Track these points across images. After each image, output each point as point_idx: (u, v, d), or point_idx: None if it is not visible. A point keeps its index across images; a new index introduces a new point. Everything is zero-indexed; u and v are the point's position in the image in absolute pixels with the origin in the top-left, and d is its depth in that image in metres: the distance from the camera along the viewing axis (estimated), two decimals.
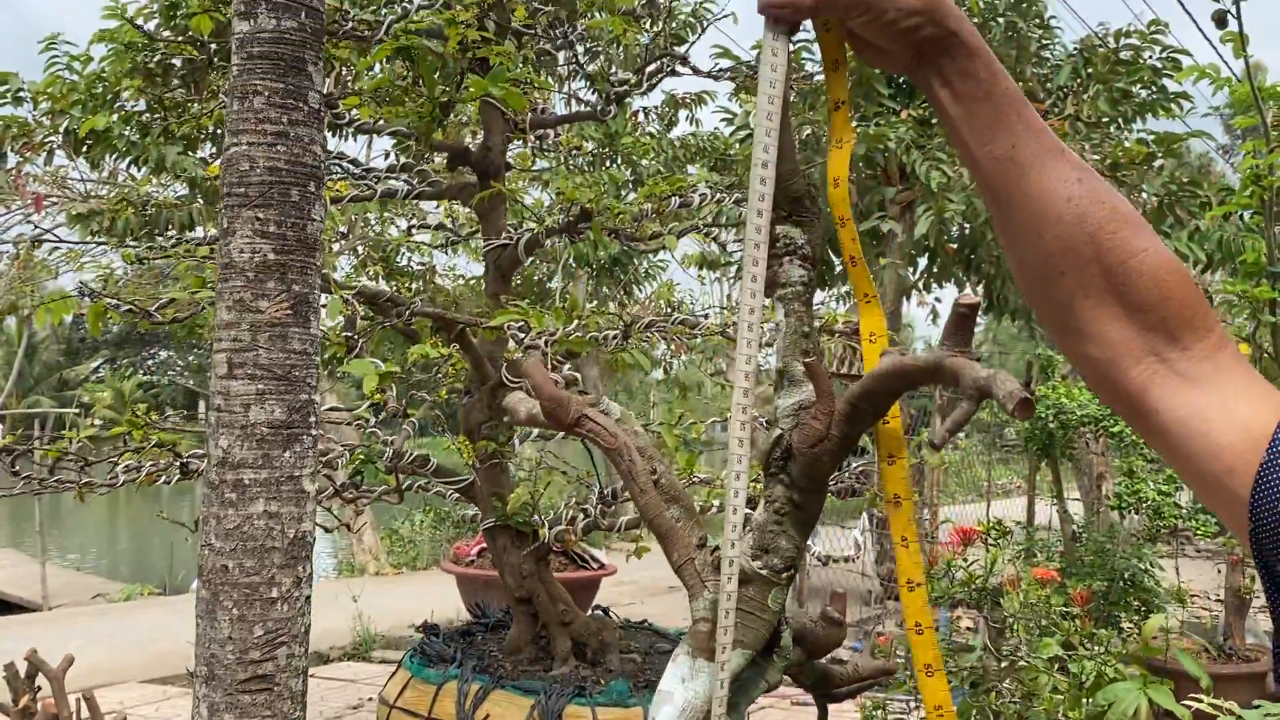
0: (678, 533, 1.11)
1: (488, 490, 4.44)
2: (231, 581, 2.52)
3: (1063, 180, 0.86)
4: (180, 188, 8.44)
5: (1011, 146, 0.88)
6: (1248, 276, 5.81)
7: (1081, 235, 0.85)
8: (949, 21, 0.89)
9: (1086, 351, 0.88)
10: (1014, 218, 0.89)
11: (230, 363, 2.55)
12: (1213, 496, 0.83)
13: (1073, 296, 0.86)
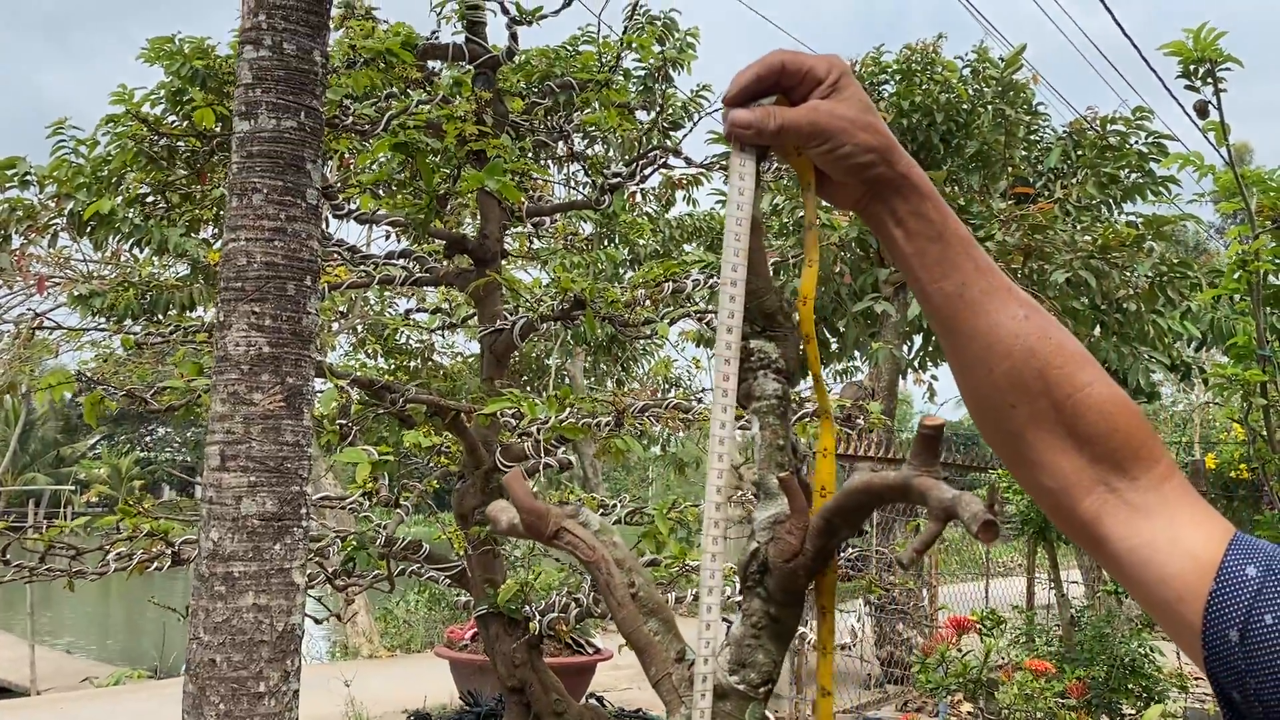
0: (655, 646, 1.12)
1: (480, 576, 4.41)
2: (219, 676, 2.50)
3: (1011, 317, 0.89)
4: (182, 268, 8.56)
5: (961, 284, 0.91)
6: (1238, 359, 5.86)
7: (1030, 370, 0.88)
8: (899, 164, 0.92)
9: (1040, 481, 0.90)
10: (965, 352, 0.92)
11: (223, 455, 2.57)
12: (1168, 623, 0.85)
13: (1024, 428, 0.89)
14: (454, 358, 9.72)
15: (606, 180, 4.04)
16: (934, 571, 8.40)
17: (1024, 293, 0.92)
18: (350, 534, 3.88)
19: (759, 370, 1.16)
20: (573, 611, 4.07)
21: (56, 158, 6.98)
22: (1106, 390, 0.88)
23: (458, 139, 3.61)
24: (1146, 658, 5.36)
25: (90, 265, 11.80)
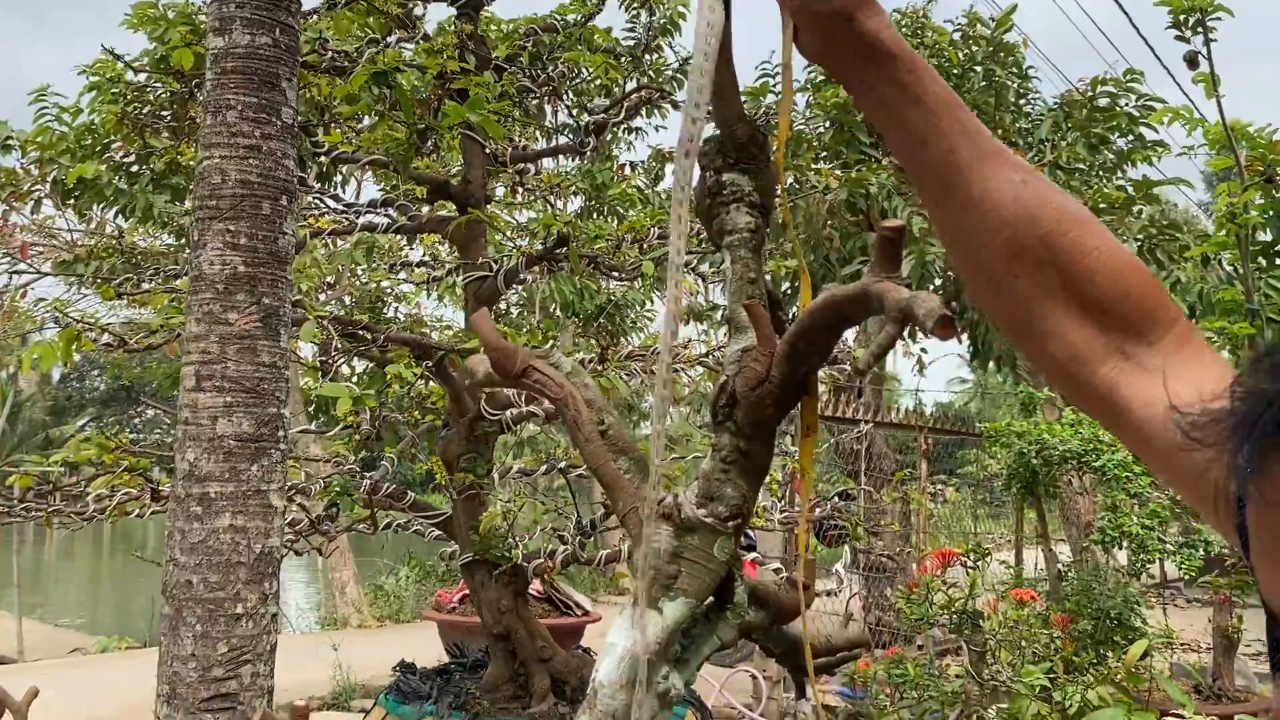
0: (623, 482, 1.10)
1: (466, 524, 4.39)
2: (195, 597, 2.47)
3: (1007, 182, 0.85)
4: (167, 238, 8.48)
5: (948, 150, 0.86)
6: (1225, 314, 5.86)
7: (1032, 238, 0.83)
8: (868, 24, 0.88)
9: (1050, 353, 0.85)
10: (960, 223, 0.87)
11: (198, 375, 2.54)
12: (1193, 489, 0.79)
13: (1030, 299, 0.84)
14: (443, 330, 9.67)
15: (591, 119, 3.99)
16: (923, 536, 8.41)
17: (1018, 157, 0.88)
18: (333, 474, 3.85)
19: (731, 204, 1.13)
20: (559, 554, 4.05)
21: (39, 125, 6.90)
22: (1115, 254, 0.83)
23: (438, 77, 3.56)
24: (1133, 611, 5.37)
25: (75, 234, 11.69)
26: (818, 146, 8.95)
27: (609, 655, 1.05)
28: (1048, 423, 5.33)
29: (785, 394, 1.04)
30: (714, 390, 1.08)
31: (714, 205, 1.12)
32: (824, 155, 8.61)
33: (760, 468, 1.09)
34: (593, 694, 1.05)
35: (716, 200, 1.12)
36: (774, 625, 1.18)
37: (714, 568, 1.07)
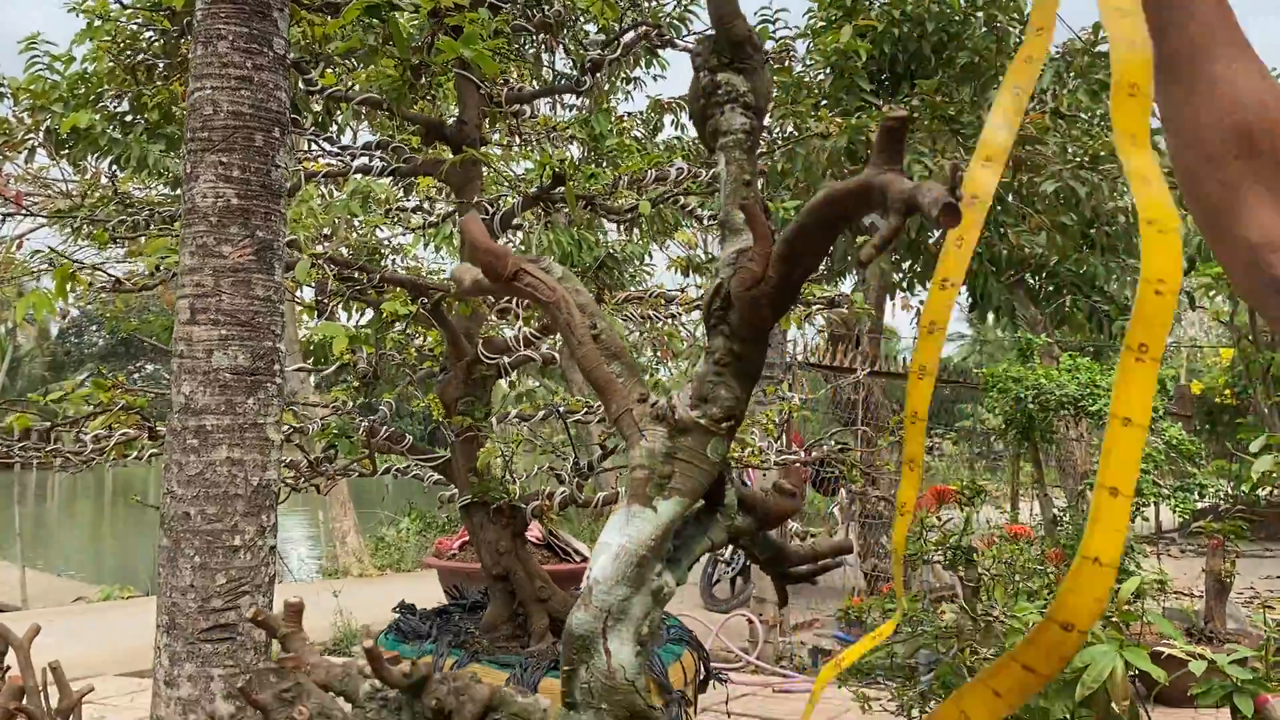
0: (616, 385, 1.09)
1: (464, 467, 4.40)
2: (193, 529, 2.48)
3: (1248, 72, 0.89)
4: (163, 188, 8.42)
5: (1208, 28, 0.91)
6: None
7: (1261, 127, 0.88)
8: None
9: (1242, 235, 0.89)
10: (1192, 98, 0.91)
11: (193, 308, 2.53)
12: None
13: (1241, 181, 0.88)
14: (439, 277, 9.64)
15: (587, 55, 3.95)
16: None
17: (1259, 57, 0.92)
18: (329, 416, 3.86)
19: (726, 105, 1.12)
20: (558, 494, 4.07)
21: (31, 74, 6.81)
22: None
23: (432, 15, 3.51)
24: (1128, 556, 5.42)
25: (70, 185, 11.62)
26: (818, 94, 8.86)
27: (603, 554, 1.05)
28: (1045, 368, 5.33)
29: (780, 295, 1.03)
30: (707, 293, 1.07)
31: (708, 106, 1.11)
32: (824, 102, 8.52)
33: (753, 370, 1.09)
34: (587, 591, 1.05)
35: (710, 101, 1.11)
36: (760, 531, 1.19)
37: (707, 468, 1.07)
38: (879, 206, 0.94)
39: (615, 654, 1.04)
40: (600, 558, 1.05)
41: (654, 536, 1.03)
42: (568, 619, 1.06)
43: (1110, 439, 0.85)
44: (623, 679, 1.04)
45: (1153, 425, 5.19)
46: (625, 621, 1.05)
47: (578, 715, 1.05)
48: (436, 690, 1.00)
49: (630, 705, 1.05)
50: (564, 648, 1.08)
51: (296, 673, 1.01)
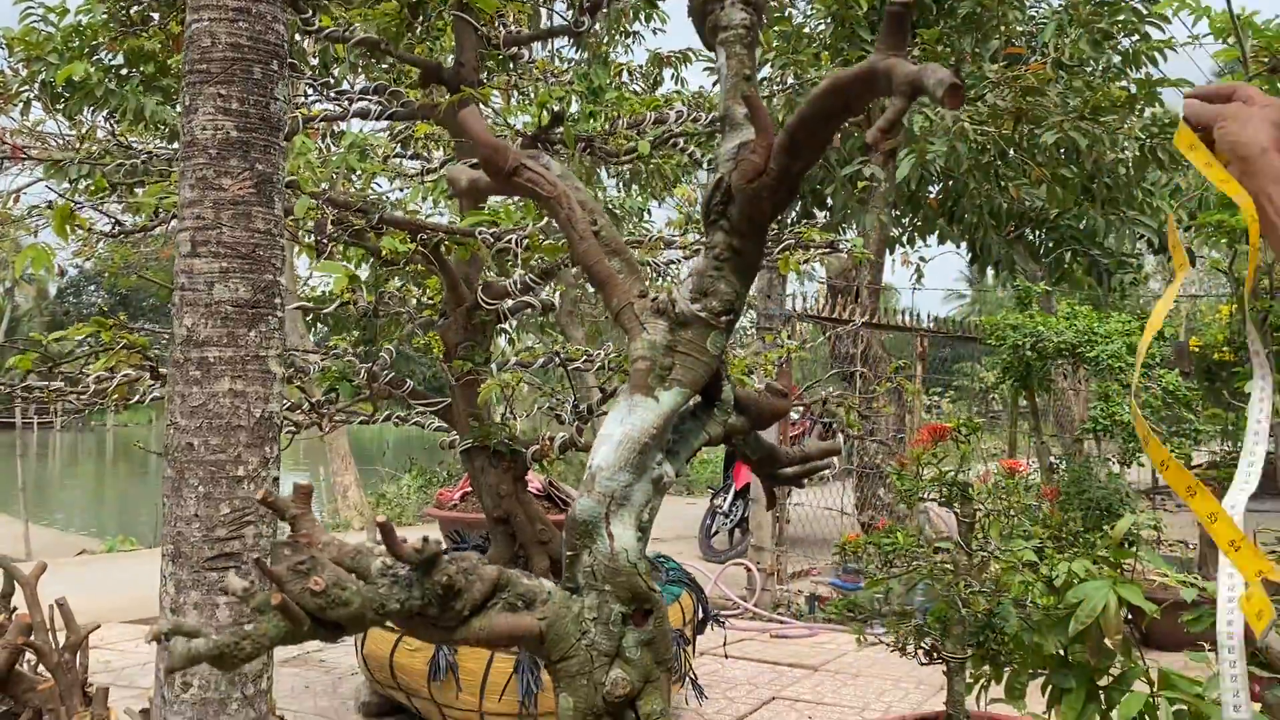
0: (617, 280, 1.11)
1: (465, 411, 4.43)
2: (197, 459, 2.51)
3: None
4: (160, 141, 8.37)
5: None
6: (1225, 207, 5.83)
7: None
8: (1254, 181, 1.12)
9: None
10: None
11: (193, 241, 2.53)
12: None
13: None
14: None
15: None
16: (915, 430, 8.48)
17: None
18: (328, 357, 3.87)
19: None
20: (558, 438, 4.10)
21: (25, 25, 6.75)
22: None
23: None
24: (1123, 502, 5.46)
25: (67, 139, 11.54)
26: (818, 43, 8.79)
27: (605, 444, 1.07)
28: (1043, 316, 5.35)
29: (781, 188, 1.04)
30: (708, 188, 1.08)
31: (708, 1, 1.11)
32: (824, 51, 8.45)
33: (752, 265, 1.10)
34: (590, 478, 1.07)
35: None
36: (753, 430, 1.21)
37: (707, 360, 1.08)
38: (884, 91, 0.95)
39: (618, 538, 1.06)
40: (602, 448, 1.07)
41: (656, 425, 1.05)
42: (571, 506, 1.08)
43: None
44: (625, 561, 1.07)
45: (1149, 372, 5.21)
46: (627, 507, 1.07)
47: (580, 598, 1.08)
48: (446, 569, 1.02)
49: (632, 587, 1.08)
50: (566, 534, 1.10)
51: (310, 549, 1.03)
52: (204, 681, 2.50)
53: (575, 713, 1.17)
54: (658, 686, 1.16)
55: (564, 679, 1.16)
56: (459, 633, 1.14)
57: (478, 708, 3.89)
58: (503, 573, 1.10)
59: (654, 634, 1.14)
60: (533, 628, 1.12)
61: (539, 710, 3.82)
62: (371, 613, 1.11)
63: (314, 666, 5.38)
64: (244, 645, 1.08)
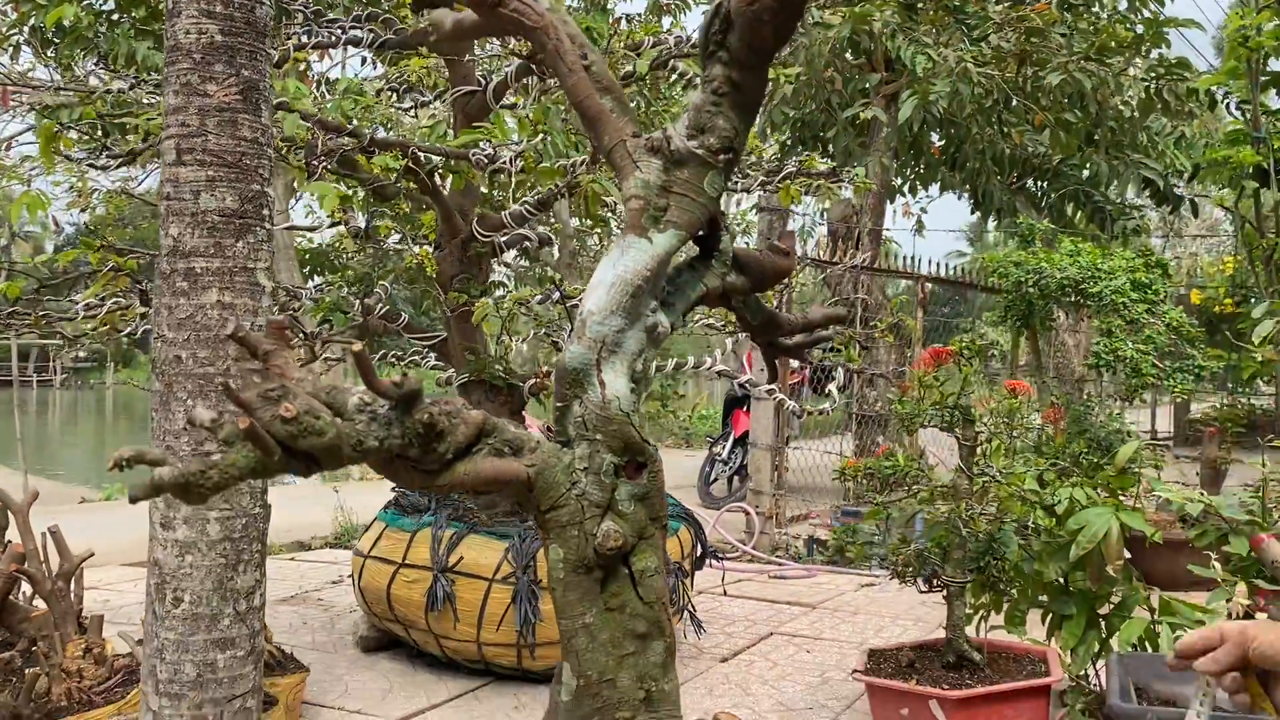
0: (608, 118, 1.05)
1: (460, 345, 4.38)
2: (185, 372, 2.46)
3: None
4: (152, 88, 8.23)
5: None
6: (1232, 143, 5.74)
7: None
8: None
9: None
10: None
11: (179, 149, 2.47)
12: None
13: None
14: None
15: None
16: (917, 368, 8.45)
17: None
18: (322, 287, 3.82)
19: None
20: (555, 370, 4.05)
21: None
22: None
23: None
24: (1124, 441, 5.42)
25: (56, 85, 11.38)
26: None
27: (597, 289, 1.02)
28: (1046, 253, 5.28)
29: (784, 9, 0.98)
30: (706, 17, 1.02)
31: None
32: None
33: (753, 101, 1.04)
34: (580, 324, 1.03)
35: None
36: (754, 291, 1.15)
37: (703, 201, 1.03)
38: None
39: (610, 385, 1.02)
40: (593, 293, 1.02)
41: (649, 266, 1.00)
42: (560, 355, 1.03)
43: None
44: (617, 410, 1.02)
45: (1152, 309, 5.15)
46: (620, 355, 1.02)
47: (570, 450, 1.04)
48: (428, 408, 0.98)
49: (625, 436, 1.03)
50: (556, 384, 1.05)
51: (283, 379, 0.98)
52: (195, 597, 2.47)
53: (565, 565, 1.14)
54: (652, 544, 1.13)
55: (554, 529, 1.12)
56: (443, 477, 1.11)
57: (475, 638, 3.88)
58: (488, 418, 1.06)
59: (648, 488, 1.11)
60: (520, 472, 1.09)
61: (537, 640, 3.81)
62: (349, 449, 1.07)
63: (312, 605, 5.37)
64: (210, 474, 1.05)
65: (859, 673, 3.14)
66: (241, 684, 2.52)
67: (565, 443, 1.07)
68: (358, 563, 4.25)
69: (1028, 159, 9.62)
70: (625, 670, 1.16)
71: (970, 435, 3.08)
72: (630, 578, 1.14)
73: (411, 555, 4.02)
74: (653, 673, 1.16)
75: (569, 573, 1.13)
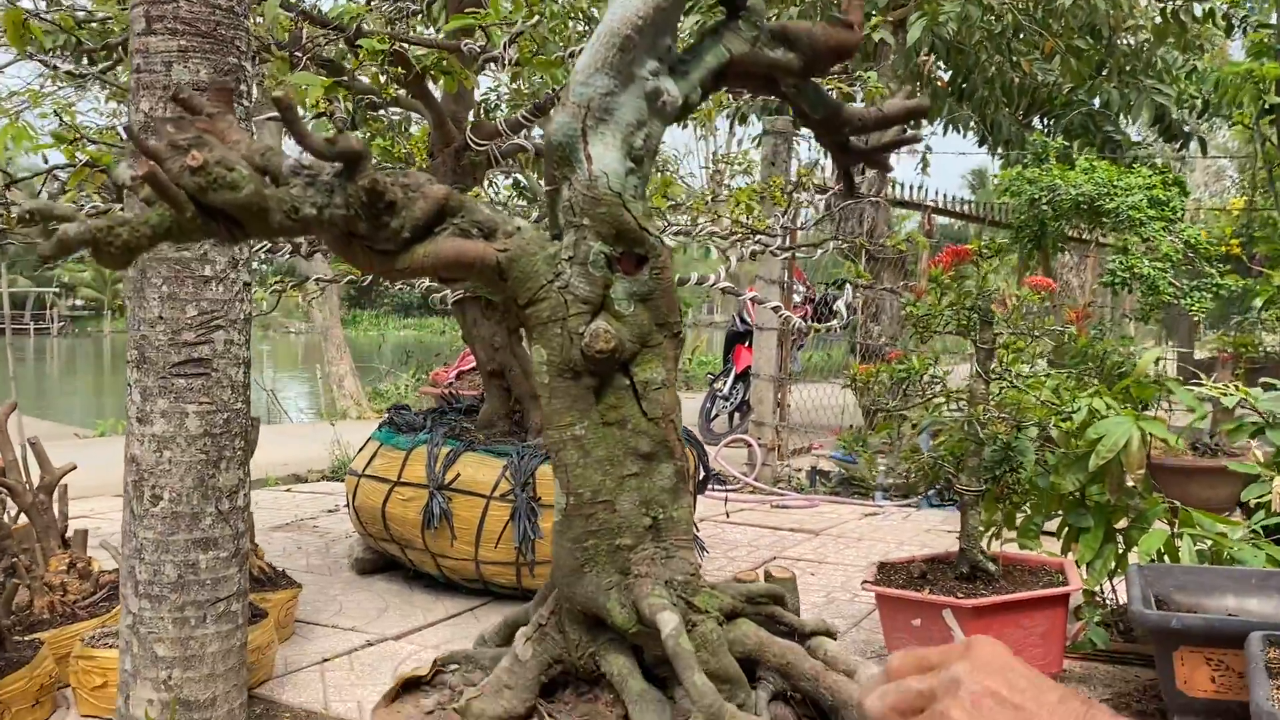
0: None
1: None
2: (159, 257, 2.31)
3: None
4: None
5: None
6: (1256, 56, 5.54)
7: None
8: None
9: None
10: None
11: (148, 16, 2.30)
12: None
13: None
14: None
15: None
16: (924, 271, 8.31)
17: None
18: None
19: None
20: None
21: None
22: None
23: None
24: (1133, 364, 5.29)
25: None
26: None
27: (584, 51, 0.87)
28: (1061, 168, 5.10)
29: None
30: None
31: None
32: None
33: None
34: (565, 90, 0.88)
35: None
36: (806, 74, 0.99)
37: None
38: None
39: (598, 159, 0.87)
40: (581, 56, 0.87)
41: (639, 12, 0.85)
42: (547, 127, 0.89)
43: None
44: (605, 189, 0.88)
45: (1169, 227, 4.99)
46: (611, 124, 0.88)
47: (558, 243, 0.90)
48: (373, 173, 0.84)
49: (616, 221, 0.89)
50: (545, 167, 0.91)
51: (206, 133, 0.84)
52: (174, 495, 2.35)
53: (550, 368, 1.02)
54: (658, 353, 1.00)
55: (536, 327, 1.01)
56: (401, 260, 1.00)
57: (473, 556, 3.78)
58: (453, 193, 0.94)
59: (651, 287, 0.97)
60: (486, 256, 0.97)
61: (537, 558, 3.70)
62: (281, 215, 0.95)
63: (307, 531, 5.28)
64: (119, 232, 0.94)
65: (869, 583, 3.03)
66: (225, 586, 2.40)
67: (557, 235, 0.94)
68: (352, 482, 4.14)
69: (1037, 88, 9.39)
70: (627, 493, 1.03)
71: (988, 338, 2.94)
72: (632, 389, 1.02)
73: (407, 473, 3.90)
74: (659, 498, 1.04)
75: (554, 377, 1.01)
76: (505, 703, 1.15)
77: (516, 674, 1.16)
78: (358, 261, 1.07)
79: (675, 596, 1.07)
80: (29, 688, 2.71)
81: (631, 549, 1.06)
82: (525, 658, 1.15)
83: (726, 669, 1.09)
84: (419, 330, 39.11)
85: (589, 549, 1.08)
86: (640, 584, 1.05)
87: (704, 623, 1.09)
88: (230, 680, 2.43)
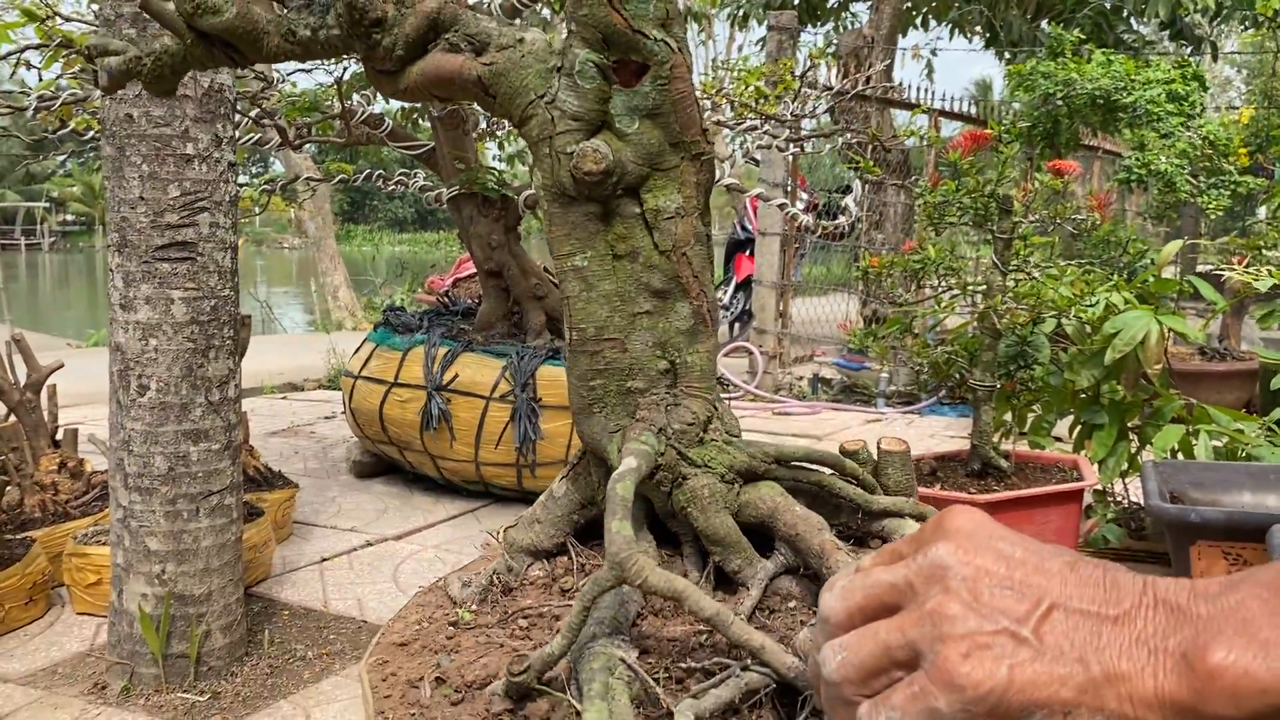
0: None
1: (450, 155, 4.08)
2: (138, 133, 2.18)
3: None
4: None
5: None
6: None
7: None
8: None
9: None
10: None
11: None
12: None
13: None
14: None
15: None
16: None
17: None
18: None
19: None
20: None
21: None
22: None
23: None
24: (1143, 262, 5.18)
25: None
26: None
27: None
28: (1077, 62, 4.92)
29: None
30: None
31: None
32: None
33: None
34: None
35: None
36: None
37: None
38: None
39: None
40: None
41: None
42: None
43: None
44: None
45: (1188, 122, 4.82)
46: None
47: None
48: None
49: (600, 21, 0.79)
50: None
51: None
52: (162, 385, 2.25)
53: (546, 192, 0.93)
54: (673, 177, 0.90)
55: (531, 149, 0.93)
56: (402, 80, 0.94)
57: (473, 458, 3.71)
58: (446, 6, 0.85)
59: (656, 101, 0.87)
60: (465, 70, 0.89)
61: (538, 459, 3.64)
62: (279, 38, 0.91)
63: (304, 436, 5.22)
64: (145, 62, 0.98)
65: None
66: (218, 479, 2.32)
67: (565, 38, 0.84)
68: (348, 384, 4.05)
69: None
70: (639, 332, 0.95)
71: (1007, 227, 2.83)
72: (643, 219, 0.92)
73: (404, 375, 3.81)
74: (675, 340, 0.95)
75: (550, 203, 0.92)
76: (533, 535, 1.10)
77: (549, 508, 1.10)
78: (382, 88, 1.03)
79: (665, 445, 0.99)
80: (21, 584, 2.65)
81: (643, 393, 0.98)
82: (559, 495, 1.08)
83: (715, 529, 1.02)
84: (413, 246, 38.85)
85: (595, 389, 0.99)
86: (633, 428, 0.98)
87: (696, 477, 1.01)
88: (225, 575, 2.37)
